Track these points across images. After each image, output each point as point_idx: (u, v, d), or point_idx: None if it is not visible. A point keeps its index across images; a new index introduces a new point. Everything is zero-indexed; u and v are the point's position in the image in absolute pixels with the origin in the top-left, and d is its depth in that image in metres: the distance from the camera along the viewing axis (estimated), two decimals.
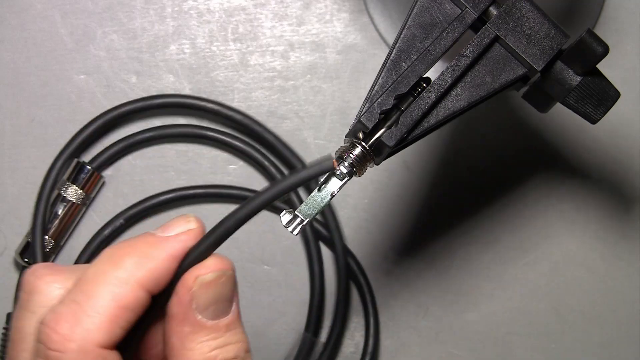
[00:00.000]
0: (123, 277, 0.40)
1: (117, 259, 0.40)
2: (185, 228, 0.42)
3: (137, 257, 0.40)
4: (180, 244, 0.42)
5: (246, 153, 0.67)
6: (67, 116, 0.69)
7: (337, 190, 0.48)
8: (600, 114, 0.51)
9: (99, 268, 0.40)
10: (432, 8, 0.48)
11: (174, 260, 0.41)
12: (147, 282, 0.40)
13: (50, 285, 0.41)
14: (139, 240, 0.41)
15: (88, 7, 0.69)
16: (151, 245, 0.41)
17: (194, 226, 0.42)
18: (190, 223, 0.42)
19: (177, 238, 0.42)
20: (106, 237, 0.67)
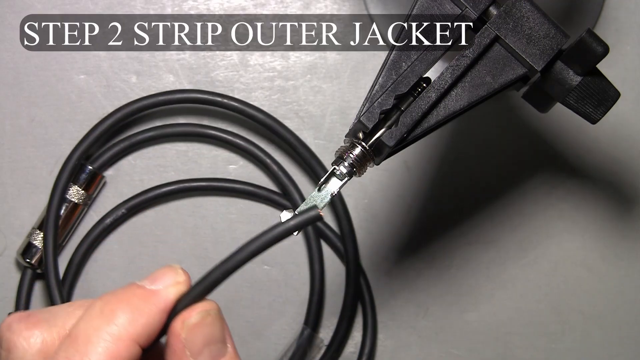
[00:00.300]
0: (116, 333, 0.39)
1: (109, 314, 0.40)
2: (173, 280, 0.42)
3: (130, 312, 0.40)
4: (170, 298, 0.41)
5: (247, 150, 0.67)
6: (67, 116, 0.69)
7: (337, 190, 0.48)
8: (600, 114, 0.51)
9: (91, 324, 0.40)
10: (432, 8, 0.48)
11: (165, 314, 0.41)
12: (140, 337, 0.40)
13: (27, 340, 0.40)
14: (128, 294, 0.41)
15: (88, 7, 0.69)
16: (142, 299, 0.41)
17: (181, 279, 0.42)
18: (178, 275, 0.42)
19: (167, 291, 0.41)
20: (108, 226, 0.67)
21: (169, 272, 0.42)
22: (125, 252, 0.68)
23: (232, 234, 0.68)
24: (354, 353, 0.67)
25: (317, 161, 0.67)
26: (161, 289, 0.41)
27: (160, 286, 0.41)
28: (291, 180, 0.67)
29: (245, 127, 0.69)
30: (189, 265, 0.68)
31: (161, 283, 0.42)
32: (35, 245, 0.65)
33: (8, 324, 0.41)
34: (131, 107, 0.67)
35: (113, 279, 0.68)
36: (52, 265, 0.63)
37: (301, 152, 0.67)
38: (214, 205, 0.68)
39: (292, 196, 0.67)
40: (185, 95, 0.67)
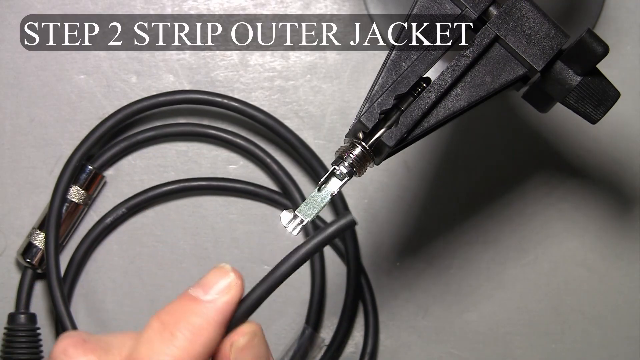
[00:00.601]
0: (178, 355, 0.39)
1: (169, 336, 0.39)
2: (225, 285, 0.41)
3: (189, 333, 0.40)
4: (226, 309, 0.41)
5: (248, 150, 0.67)
6: (67, 116, 0.69)
7: (337, 190, 0.48)
8: (600, 114, 0.51)
9: (152, 347, 0.39)
10: (432, 8, 0.48)
11: (223, 326, 0.41)
12: (200, 355, 0.40)
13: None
14: (185, 310, 0.40)
15: (88, 7, 0.69)
16: (199, 316, 0.40)
17: (234, 282, 0.42)
18: (229, 278, 0.42)
19: (222, 301, 0.41)
20: (108, 225, 0.67)
21: (220, 276, 0.42)
22: (125, 252, 0.68)
23: (232, 234, 0.68)
24: (355, 353, 0.67)
25: (318, 161, 0.67)
26: (216, 299, 0.41)
27: (215, 294, 0.41)
28: (292, 180, 0.67)
29: (246, 127, 0.69)
30: (189, 265, 0.68)
31: (215, 290, 0.41)
32: (35, 245, 0.65)
33: (64, 348, 0.40)
34: (132, 108, 0.67)
35: (113, 279, 0.68)
36: (54, 265, 0.63)
37: (302, 152, 0.67)
38: (214, 205, 0.68)
39: (293, 196, 0.67)
40: (185, 96, 0.67)
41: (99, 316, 0.67)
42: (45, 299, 0.67)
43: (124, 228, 0.68)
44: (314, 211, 0.48)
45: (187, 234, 0.68)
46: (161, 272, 0.68)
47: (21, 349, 0.64)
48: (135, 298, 0.68)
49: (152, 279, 0.68)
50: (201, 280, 0.42)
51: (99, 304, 0.67)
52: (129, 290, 0.68)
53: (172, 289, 0.68)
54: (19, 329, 0.65)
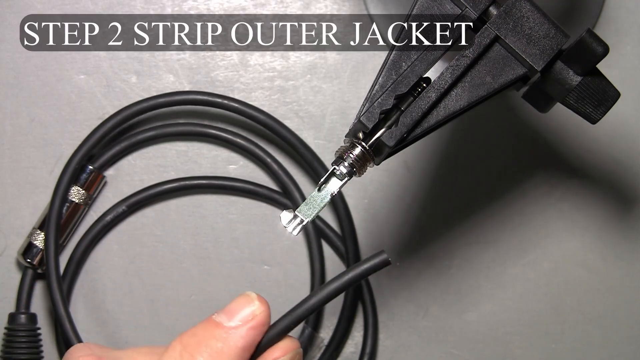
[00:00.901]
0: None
1: (189, 358, 0.40)
2: (250, 313, 0.41)
3: (209, 355, 0.40)
4: (250, 337, 0.41)
5: (248, 150, 0.67)
6: (67, 116, 0.69)
7: (337, 190, 0.48)
8: (600, 114, 0.51)
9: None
10: (432, 8, 0.49)
11: (246, 351, 0.41)
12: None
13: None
14: (207, 335, 0.40)
15: (88, 7, 0.69)
16: (221, 341, 0.40)
17: (259, 310, 0.41)
18: (254, 307, 0.42)
19: (246, 328, 0.41)
20: (108, 223, 0.67)
21: (245, 304, 0.42)
22: (125, 252, 0.68)
23: (232, 234, 0.68)
24: (355, 353, 0.67)
25: (318, 161, 0.67)
26: (240, 327, 0.41)
27: (239, 322, 0.41)
28: (292, 180, 0.67)
29: (246, 127, 0.69)
30: (189, 265, 0.68)
31: (239, 317, 0.41)
32: (35, 245, 0.65)
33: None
34: (132, 109, 0.67)
35: (113, 279, 0.68)
36: (54, 266, 0.63)
37: (302, 152, 0.67)
38: (214, 205, 0.68)
39: (293, 195, 0.67)
40: (185, 97, 0.67)
41: (99, 316, 0.67)
42: (45, 299, 0.67)
43: (124, 228, 0.68)
44: (314, 211, 0.48)
45: (187, 234, 0.68)
46: (161, 272, 0.68)
47: (21, 349, 0.64)
48: (135, 298, 0.68)
49: (152, 279, 0.68)
50: (226, 307, 0.42)
51: (99, 303, 0.67)
52: (129, 290, 0.68)
53: (172, 289, 0.68)
54: (19, 329, 0.65)
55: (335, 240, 0.67)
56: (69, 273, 0.66)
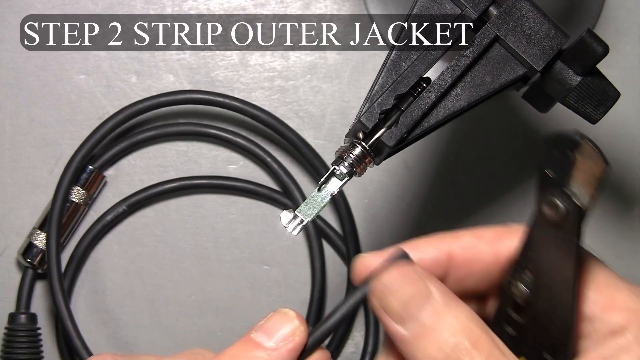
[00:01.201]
0: None
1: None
2: (290, 331, 0.41)
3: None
4: (290, 357, 0.40)
5: (248, 149, 0.67)
6: (67, 116, 0.69)
7: (337, 190, 0.48)
8: (600, 114, 0.51)
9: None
10: (432, 8, 0.49)
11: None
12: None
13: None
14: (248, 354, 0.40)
15: (88, 7, 0.69)
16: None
17: (298, 330, 0.41)
18: (294, 325, 0.41)
19: (287, 349, 0.40)
20: (108, 223, 0.67)
21: (285, 323, 0.41)
22: (126, 252, 0.68)
23: (232, 234, 0.68)
24: (355, 353, 0.67)
25: (319, 160, 0.67)
26: (280, 347, 0.40)
27: (280, 342, 0.40)
28: (292, 179, 0.67)
29: (246, 127, 0.69)
30: (189, 265, 0.68)
31: (278, 338, 0.40)
32: (36, 245, 0.65)
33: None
34: (132, 109, 0.67)
35: (113, 279, 0.68)
36: (55, 266, 0.63)
37: (303, 151, 0.67)
38: (214, 205, 0.68)
39: (293, 195, 0.67)
40: (186, 96, 0.67)
41: (99, 316, 0.67)
42: (45, 299, 0.67)
43: (124, 228, 0.68)
44: (314, 211, 0.48)
45: (187, 234, 0.68)
46: (161, 272, 0.68)
47: (21, 349, 0.64)
48: (135, 298, 0.68)
49: (152, 279, 0.68)
50: (264, 324, 0.41)
51: (99, 304, 0.67)
52: (130, 290, 0.68)
53: (172, 289, 0.68)
54: (20, 329, 0.65)
55: (336, 240, 0.67)
56: (69, 273, 0.66)
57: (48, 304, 0.67)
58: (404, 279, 0.39)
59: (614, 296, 0.40)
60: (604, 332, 0.39)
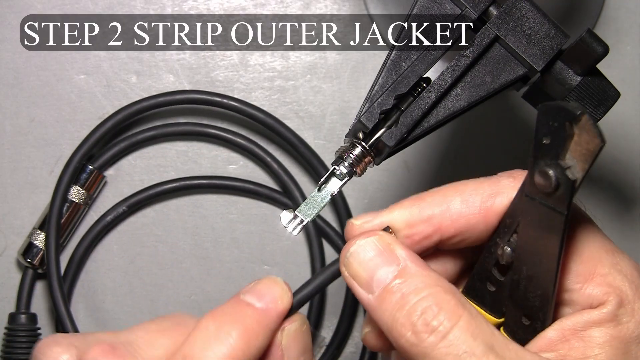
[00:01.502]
0: (231, 354, 0.40)
1: (225, 336, 0.40)
2: (279, 295, 0.43)
3: (245, 335, 0.41)
4: (278, 319, 0.42)
5: (247, 149, 0.67)
6: (67, 116, 0.69)
7: (337, 190, 0.48)
8: (600, 114, 0.51)
9: (207, 345, 0.40)
10: (432, 8, 0.48)
11: (273, 332, 0.42)
12: (252, 358, 0.41)
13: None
14: (241, 314, 0.41)
15: (88, 7, 0.69)
16: (255, 321, 0.41)
17: (286, 295, 0.43)
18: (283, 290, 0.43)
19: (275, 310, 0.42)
20: (108, 223, 0.67)
21: (274, 287, 0.43)
22: (125, 252, 0.68)
23: (232, 234, 0.68)
24: (355, 353, 0.67)
25: (318, 160, 0.67)
26: (270, 308, 0.42)
27: (270, 304, 0.42)
28: (292, 179, 0.67)
29: (246, 127, 0.69)
30: (189, 266, 0.68)
31: (268, 299, 0.42)
32: (36, 245, 0.65)
33: (93, 358, 0.41)
34: (132, 109, 0.67)
35: (113, 279, 0.68)
36: (54, 266, 0.63)
37: (302, 151, 0.67)
38: (214, 205, 0.68)
39: (293, 194, 0.67)
40: (185, 96, 0.67)
41: (99, 316, 0.67)
42: (45, 299, 0.67)
43: (124, 228, 0.68)
44: (314, 211, 0.48)
45: (187, 234, 0.68)
46: (161, 272, 0.68)
47: (21, 349, 0.64)
48: (135, 298, 0.68)
49: (152, 279, 0.68)
50: (253, 287, 0.43)
51: (99, 303, 0.67)
52: (129, 290, 0.68)
53: (172, 289, 0.68)
54: (20, 329, 0.65)
55: (336, 239, 0.67)
56: (69, 273, 0.66)
57: (48, 304, 0.67)
58: (370, 247, 0.42)
59: (595, 270, 0.41)
60: (583, 304, 0.41)
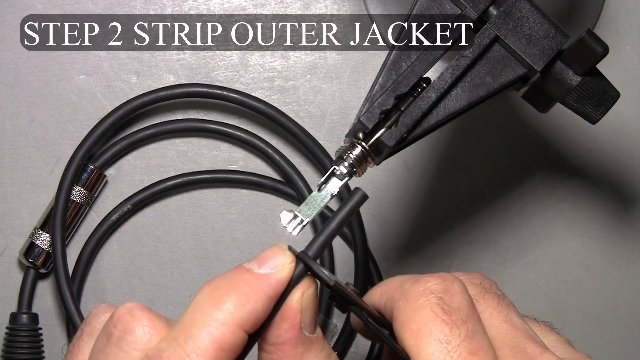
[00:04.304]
0: (222, 318, 0.40)
1: (216, 300, 0.40)
2: (281, 262, 0.42)
3: (236, 299, 0.40)
4: (279, 284, 0.41)
5: (248, 142, 0.67)
6: (67, 116, 0.69)
7: (337, 190, 0.48)
8: (600, 114, 0.51)
9: (198, 308, 0.40)
10: (432, 8, 0.49)
11: (272, 299, 0.41)
12: (246, 323, 0.40)
13: (145, 329, 0.41)
14: (237, 279, 0.41)
15: (88, 7, 0.69)
16: (249, 285, 0.41)
17: (288, 260, 0.42)
18: (286, 257, 0.42)
19: (275, 276, 0.41)
20: (114, 222, 0.67)
21: (277, 253, 0.42)
22: (126, 252, 0.68)
23: (232, 234, 0.68)
24: (355, 353, 0.67)
25: (321, 149, 0.67)
26: (269, 274, 0.41)
27: (269, 269, 0.41)
28: (295, 169, 0.67)
29: (247, 120, 0.69)
30: (189, 266, 0.68)
31: (269, 266, 0.41)
32: (37, 245, 0.65)
33: (130, 309, 0.41)
34: (132, 104, 0.67)
35: (113, 279, 0.68)
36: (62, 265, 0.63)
37: (304, 141, 0.67)
38: (214, 205, 0.68)
39: (297, 184, 0.66)
40: (185, 90, 0.67)
41: None
42: (45, 299, 0.67)
43: (124, 228, 0.68)
44: (314, 211, 0.48)
45: (187, 234, 0.68)
46: (161, 272, 0.68)
47: (22, 349, 0.64)
48: (135, 298, 0.68)
49: (152, 279, 0.68)
50: (257, 255, 0.42)
51: (99, 303, 0.67)
52: (129, 290, 0.68)
53: (172, 289, 0.68)
54: (21, 328, 0.65)
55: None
56: (78, 274, 0.66)
57: (49, 304, 0.67)
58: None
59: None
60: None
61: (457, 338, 0.40)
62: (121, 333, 0.41)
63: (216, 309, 0.40)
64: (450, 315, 0.40)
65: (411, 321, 0.41)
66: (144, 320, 0.41)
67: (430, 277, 0.42)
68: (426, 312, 0.41)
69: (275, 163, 0.67)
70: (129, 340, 0.40)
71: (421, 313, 0.41)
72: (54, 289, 0.67)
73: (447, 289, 0.42)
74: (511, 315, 0.45)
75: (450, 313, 0.41)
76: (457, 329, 0.40)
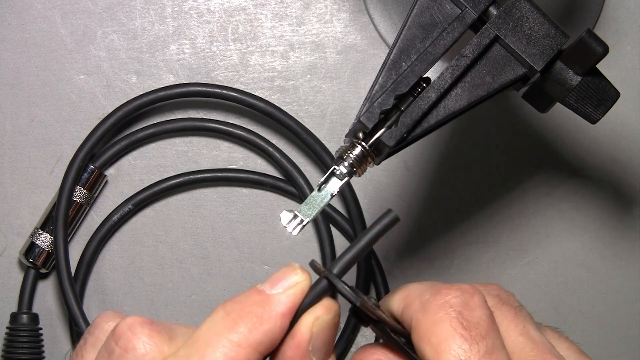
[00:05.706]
0: (236, 340, 0.40)
1: (231, 322, 0.40)
2: (293, 282, 0.42)
3: (250, 321, 0.40)
4: (290, 301, 0.41)
5: (248, 140, 0.67)
6: (67, 116, 0.69)
7: (337, 190, 0.48)
8: (600, 114, 0.51)
9: (213, 328, 0.40)
10: (432, 8, 0.49)
11: (286, 318, 0.41)
12: (260, 345, 0.40)
13: (146, 346, 0.41)
14: (250, 301, 0.41)
15: (88, 7, 0.69)
16: (262, 307, 0.41)
17: (301, 279, 0.42)
18: (297, 275, 0.42)
19: (286, 295, 0.41)
20: (115, 223, 0.67)
21: (288, 273, 0.42)
22: (126, 252, 0.68)
23: (232, 234, 0.68)
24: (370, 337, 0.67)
25: (321, 146, 0.67)
26: (280, 293, 0.41)
27: (280, 289, 0.42)
28: (295, 167, 0.67)
29: (246, 118, 0.69)
30: (189, 265, 0.68)
31: (281, 286, 0.42)
32: (38, 245, 0.65)
33: (130, 325, 0.41)
34: (132, 105, 0.67)
35: (113, 279, 0.68)
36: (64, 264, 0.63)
37: (304, 138, 0.67)
38: (214, 205, 0.68)
39: (298, 182, 0.66)
40: (185, 89, 0.67)
41: None
42: (45, 299, 0.67)
43: (124, 228, 0.68)
44: (314, 211, 0.48)
45: (187, 234, 0.68)
46: (161, 272, 0.68)
47: (23, 349, 0.64)
48: (135, 298, 0.68)
49: (152, 279, 0.68)
50: (272, 275, 0.42)
51: (99, 303, 0.67)
52: (129, 290, 0.68)
53: (172, 289, 0.68)
54: (21, 328, 0.65)
55: (343, 224, 0.67)
56: (80, 274, 0.66)
57: (49, 304, 0.67)
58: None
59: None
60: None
61: (477, 354, 0.40)
62: (122, 351, 0.41)
63: (231, 331, 0.40)
64: (470, 330, 0.40)
65: (431, 335, 0.40)
66: (144, 337, 0.41)
67: (450, 289, 0.42)
68: (445, 326, 0.40)
69: (275, 161, 0.67)
70: (129, 358, 0.41)
71: (440, 327, 0.40)
72: (55, 289, 0.67)
73: (467, 302, 0.41)
74: (528, 328, 0.44)
75: (470, 328, 0.40)
76: (477, 345, 0.40)
